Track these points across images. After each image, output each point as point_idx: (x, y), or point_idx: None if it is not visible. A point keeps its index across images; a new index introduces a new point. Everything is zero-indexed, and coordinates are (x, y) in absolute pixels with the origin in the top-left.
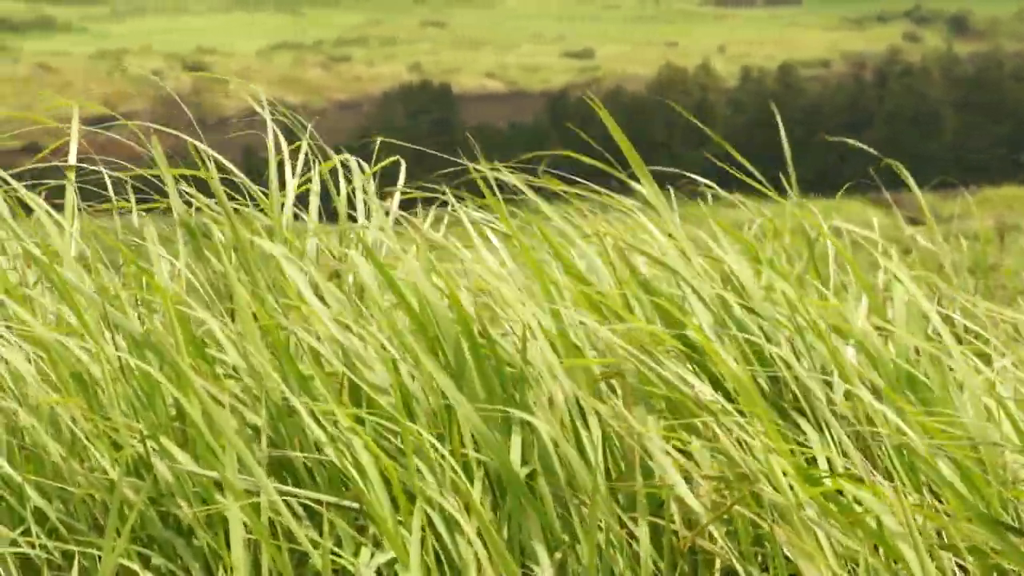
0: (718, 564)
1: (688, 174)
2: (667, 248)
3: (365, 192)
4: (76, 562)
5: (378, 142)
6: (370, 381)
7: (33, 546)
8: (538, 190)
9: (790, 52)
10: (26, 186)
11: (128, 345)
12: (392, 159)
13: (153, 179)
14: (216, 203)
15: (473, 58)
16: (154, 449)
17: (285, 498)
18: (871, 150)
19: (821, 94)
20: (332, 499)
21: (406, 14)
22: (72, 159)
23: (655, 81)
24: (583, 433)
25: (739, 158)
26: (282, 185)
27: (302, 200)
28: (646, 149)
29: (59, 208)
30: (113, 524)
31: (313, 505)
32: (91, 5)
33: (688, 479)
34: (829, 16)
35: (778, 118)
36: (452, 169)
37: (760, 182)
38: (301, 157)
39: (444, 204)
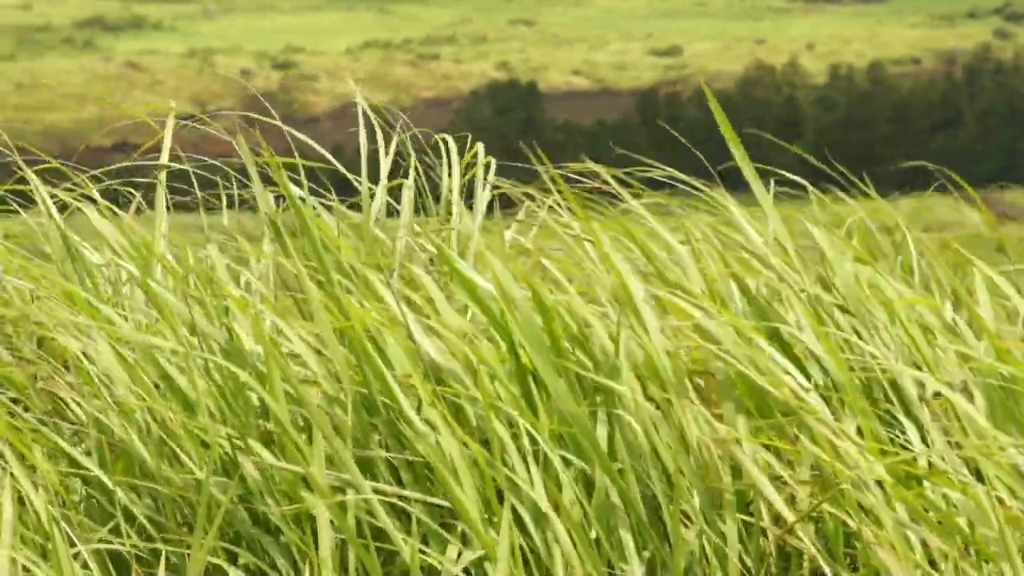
0: (807, 562)
1: (778, 171)
2: (760, 246)
3: (452, 189)
4: (163, 559)
5: (466, 138)
6: (455, 381)
7: (123, 544)
8: (628, 187)
9: (879, 49)
10: (117, 184)
11: (215, 346)
12: (470, 151)
13: (245, 177)
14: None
15: (561, 56)
16: (240, 448)
17: (372, 496)
18: (953, 149)
19: (911, 92)
20: (420, 496)
21: (495, 12)
22: (164, 157)
23: (743, 78)
24: (670, 432)
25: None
26: (375, 181)
27: (395, 195)
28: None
29: (150, 206)
30: (201, 521)
31: (400, 503)
32: (182, 4)
33: (778, 478)
34: (918, 13)
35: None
36: (528, 167)
37: (849, 180)
38: (383, 152)
39: (533, 201)
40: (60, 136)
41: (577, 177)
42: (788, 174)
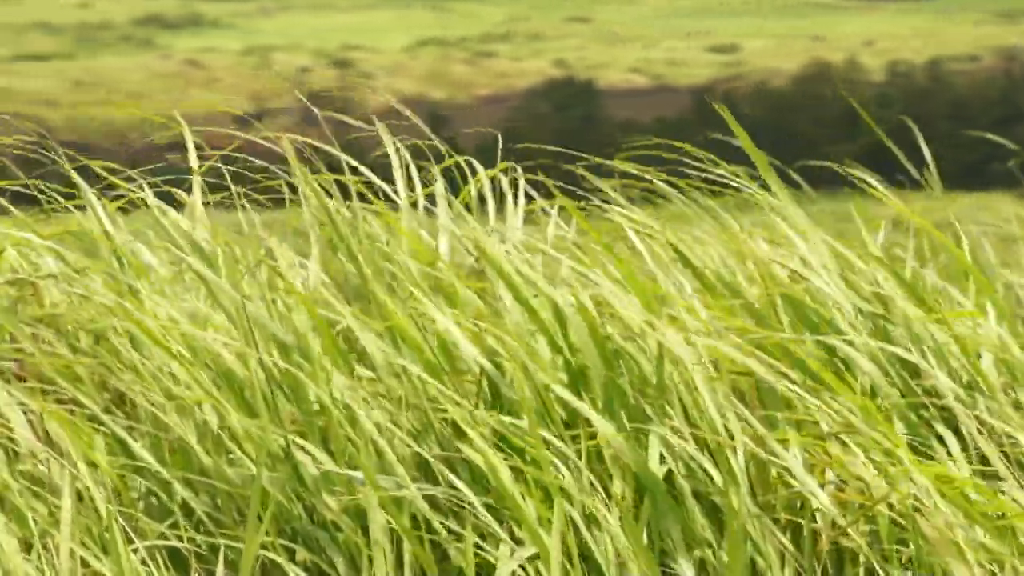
0: (862, 561)
1: (833, 165)
2: (808, 251)
3: (483, 191)
4: (222, 555)
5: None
6: (505, 383)
7: (181, 539)
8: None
9: (938, 46)
10: (173, 182)
11: (271, 343)
12: (492, 151)
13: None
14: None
15: (618, 53)
16: (296, 445)
17: (428, 494)
18: (1012, 146)
19: (970, 89)
20: (472, 496)
21: (551, 10)
22: (190, 156)
23: (801, 76)
24: (723, 440)
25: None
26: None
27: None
28: (791, 144)
29: (204, 204)
30: (254, 516)
31: (455, 502)
32: (240, 2)
33: (825, 485)
34: (977, 10)
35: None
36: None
37: (907, 177)
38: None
39: (587, 200)
40: (119, 133)
41: (637, 173)
42: (854, 171)
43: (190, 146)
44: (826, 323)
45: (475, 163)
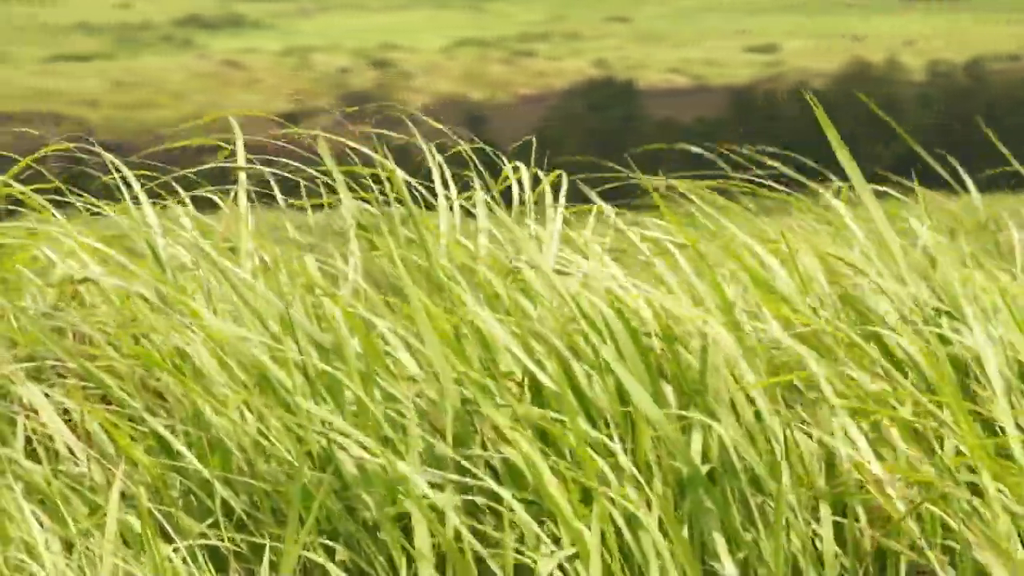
0: (904, 564)
1: (872, 167)
2: (861, 244)
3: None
4: (266, 555)
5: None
6: (545, 382)
7: (221, 538)
8: (722, 186)
9: (979, 46)
10: (211, 182)
11: (307, 343)
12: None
13: (338, 177)
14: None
15: (657, 53)
16: (336, 443)
17: (468, 495)
18: None
19: (1011, 88)
20: (512, 496)
21: (590, 9)
22: (240, 159)
23: (840, 75)
24: (767, 434)
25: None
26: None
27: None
28: (830, 145)
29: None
30: (294, 515)
31: (496, 503)
32: (280, 2)
33: (875, 480)
34: (1019, 9)
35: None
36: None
37: (947, 177)
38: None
39: (625, 201)
40: (158, 134)
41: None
42: (890, 174)
43: (239, 146)
44: (881, 321)
45: (521, 166)
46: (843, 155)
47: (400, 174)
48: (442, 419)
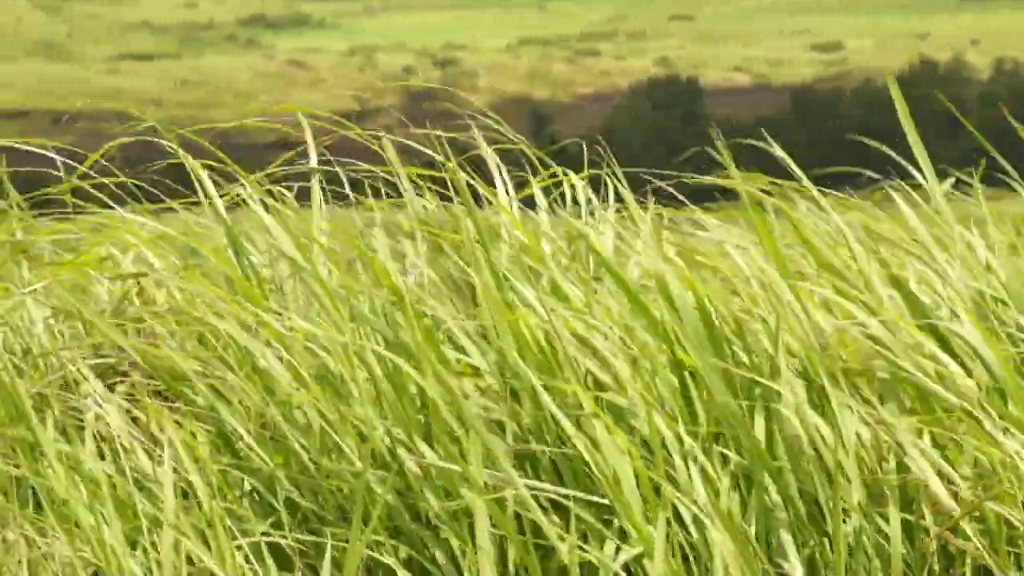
0: (969, 562)
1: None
2: (923, 239)
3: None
4: (327, 553)
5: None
6: (614, 376)
7: (284, 536)
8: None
9: None
10: (276, 181)
11: (373, 339)
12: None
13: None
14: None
15: (720, 52)
16: (399, 441)
17: (531, 492)
18: None
19: None
20: (580, 495)
21: (653, 8)
22: (312, 160)
23: (905, 74)
24: (832, 428)
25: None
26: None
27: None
28: (894, 144)
29: (308, 203)
30: (358, 514)
31: (559, 499)
32: (345, 1)
33: (940, 475)
34: None
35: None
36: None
37: (1014, 176)
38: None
39: (692, 198)
40: (223, 133)
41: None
42: (955, 171)
43: (309, 141)
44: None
45: (574, 177)
46: (919, 151)
47: (462, 173)
48: (509, 414)
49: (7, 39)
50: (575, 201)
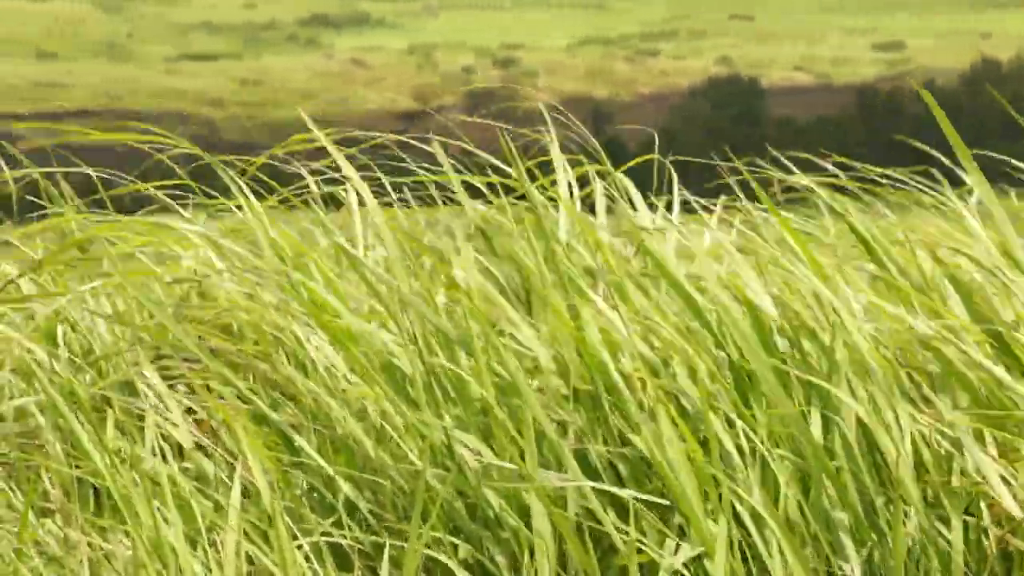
0: None
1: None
2: (981, 246)
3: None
4: (386, 552)
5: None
6: (672, 376)
7: (344, 536)
8: (845, 183)
9: None
10: (334, 181)
11: (433, 337)
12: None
13: (462, 172)
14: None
15: (780, 51)
16: (459, 441)
17: (591, 491)
18: None
19: None
20: (640, 495)
21: (713, 8)
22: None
23: (967, 74)
24: (891, 429)
25: None
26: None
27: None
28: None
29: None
30: (417, 513)
31: (619, 496)
32: (405, 1)
33: (1001, 477)
34: None
35: None
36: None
37: None
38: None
39: (748, 197)
40: (284, 132)
41: (794, 169)
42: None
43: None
44: (1000, 316)
45: (625, 180)
46: (962, 153)
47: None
48: (566, 413)
49: (69, 39)
50: (629, 202)
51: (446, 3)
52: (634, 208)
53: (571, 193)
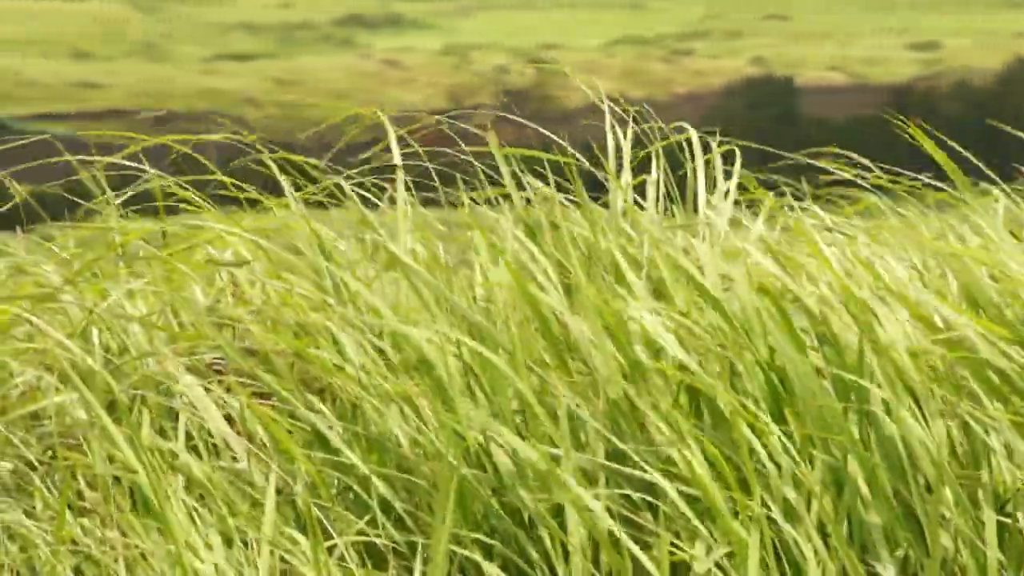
0: None
1: None
2: (1012, 245)
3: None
4: (419, 552)
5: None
6: (703, 374)
7: (378, 535)
8: (879, 183)
9: None
10: (372, 178)
11: (470, 334)
12: (721, 147)
13: (497, 171)
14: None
15: (815, 51)
16: (495, 439)
17: (623, 492)
18: None
19: None
20: (672, 492)
21: (748, 7)
22: (396, 157)
23: (1003, 74)
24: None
25: None
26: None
27: (644, 191)
28: (993, 144)
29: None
30: (441, 514)
31: (652, 498)
32: (440, 1)
33: None
34: None
35: None
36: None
37: None
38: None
39: (784, 196)
40: (319, 132)
41: (828, 168)
42: None
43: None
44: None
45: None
46: (944, 163)
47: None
48: (601, 411)
49: (106, 40)
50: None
51: (481, 3)
52: (693, 203)
53: (624, 189)
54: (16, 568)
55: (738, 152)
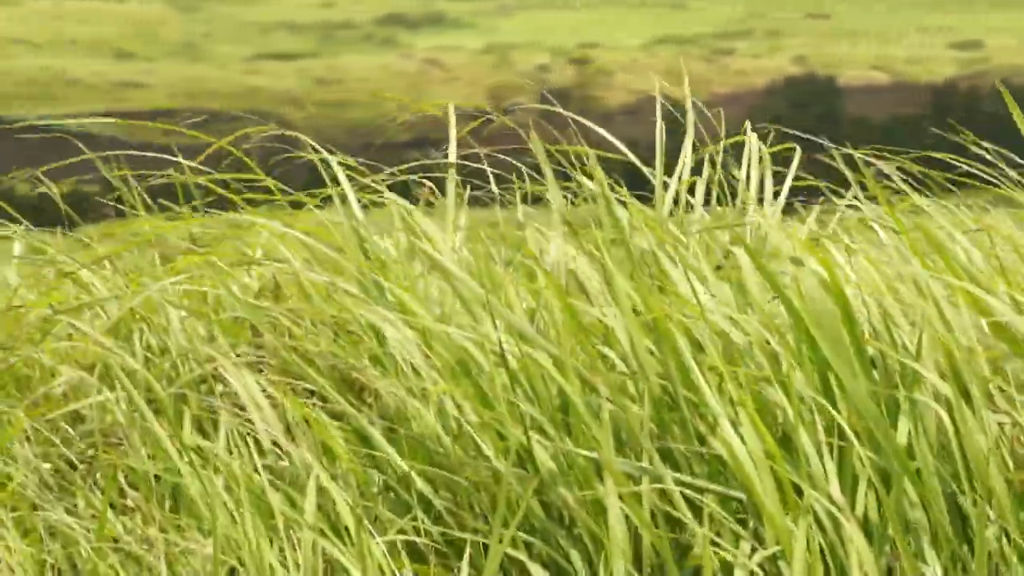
0: None
1: None
2: None
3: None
4: (466, 551)
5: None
6: (753, 373)
7: (419, 534)
8: (922, 183)
9: None
10: (413, 178)
11: (513, 335)
12: (771, 148)
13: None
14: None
15: (856, 50)
16: (538, 440)
17: (667, 488)
18: None
19: None
20: (719, 488)
21: (789, 7)
22: (452, 154)
23: None
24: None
25: None
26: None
27: (691, 190)
28: None
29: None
30: (500, 514)
31: (694, 498)
32: (481, 0)
33: None
34: None
35: None
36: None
37: None
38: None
39: (830, 196)
40: (361, 132)
41: (873, 162)
42: None
43: (452, 137)
44: None
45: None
46: None
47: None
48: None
49: (147, 40)
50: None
51: (521, 2)
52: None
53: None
54: (58, 566)
55: (798, 150)
